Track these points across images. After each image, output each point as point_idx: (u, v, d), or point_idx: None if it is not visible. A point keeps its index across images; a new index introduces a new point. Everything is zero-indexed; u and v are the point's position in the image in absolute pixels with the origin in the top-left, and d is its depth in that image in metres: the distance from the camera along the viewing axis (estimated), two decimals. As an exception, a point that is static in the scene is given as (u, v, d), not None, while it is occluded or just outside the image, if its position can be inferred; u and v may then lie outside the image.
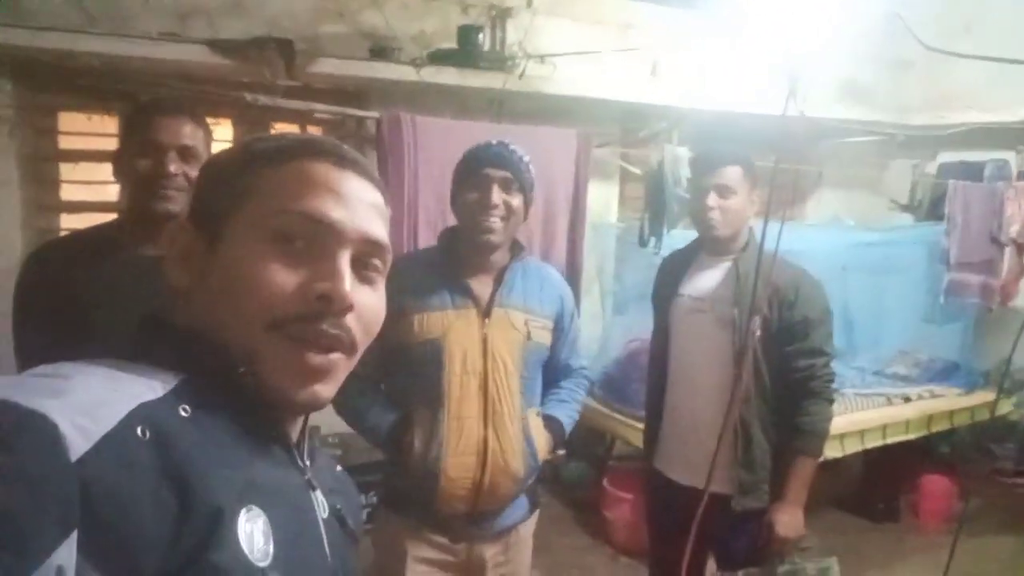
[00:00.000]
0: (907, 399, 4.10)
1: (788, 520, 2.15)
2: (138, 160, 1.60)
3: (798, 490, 2.18)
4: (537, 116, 4.10)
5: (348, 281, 0.71)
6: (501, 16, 4.07)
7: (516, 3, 4.13)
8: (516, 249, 1.93)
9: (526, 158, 1.86)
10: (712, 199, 2.21)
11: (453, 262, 1.87)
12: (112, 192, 3.67)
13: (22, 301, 1.61)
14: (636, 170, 4.06)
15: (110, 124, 3.63)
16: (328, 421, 2.09)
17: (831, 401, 2.25)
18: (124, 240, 1.63)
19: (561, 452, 4.57)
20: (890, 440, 3.92)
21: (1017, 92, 3.58)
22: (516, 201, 1.83)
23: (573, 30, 4.32)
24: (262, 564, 0.61)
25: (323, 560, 0.74)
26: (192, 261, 0.73)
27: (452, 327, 1.81)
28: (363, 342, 0.75)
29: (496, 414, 1.83)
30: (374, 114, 3.04)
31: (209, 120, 3.62)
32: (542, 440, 1.93)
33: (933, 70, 4.29)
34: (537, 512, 2.10)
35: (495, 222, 1.80)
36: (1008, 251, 4.16)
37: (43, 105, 3.47)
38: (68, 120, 3.57)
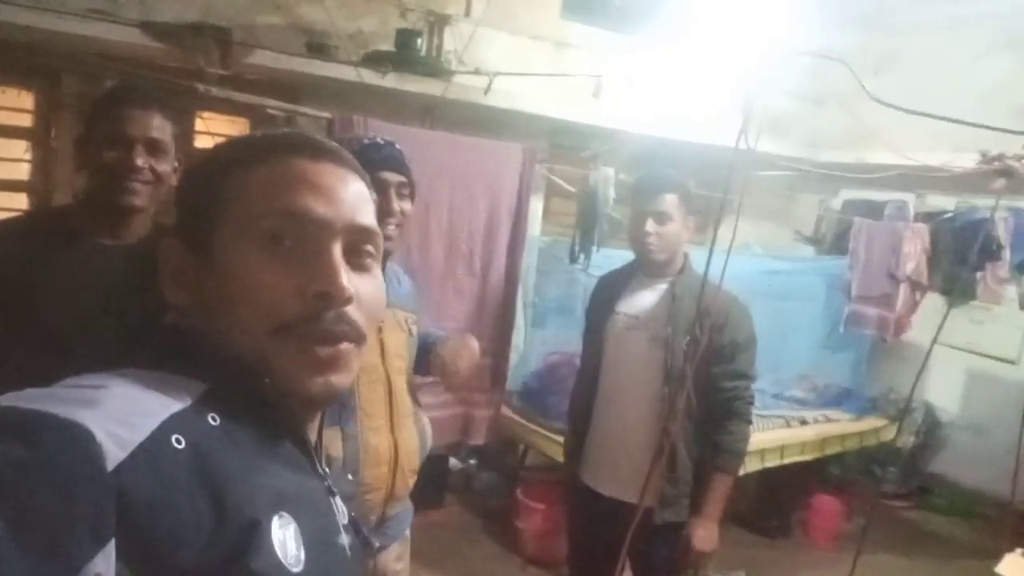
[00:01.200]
0: (804, 422, 4.33)
1: (704, 534, 2.25)
2: (104, 151, 1.55)
3: (715, 506, 2.28)
4: (468, 125, 4.13)
5: (344, 274, 0.70)
6: (439, 23, 4.08)
7: (455, 11, 4.16)
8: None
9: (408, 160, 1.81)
10: (650, 225, 2.28)
11: None
12: (22, 170, 3.49)
13: None
14: (570, 187, 4.14)
15: (25, 99, 3.46)
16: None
17: (750, 422, 2.37)
18: (83, 229, 1.57)
19: (473, 462, 4.61)
20: (787, 460, 4.13)
21: (926, 136, 3.84)
22: (407, 206, 1.78)
23: (510, 43, 4.38)
24: (296, 570, 0.62)
25: (347, 566, 0.75)
26: (187, 277, 0.72)
27: None
28: (370, 328, 0.75)
29: (398, 416, 1.81)
30: (325, 114, 3.01)
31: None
32: (427, 434, 1.95)
33: (844, 109, 4.55)
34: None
35: (393, 231, 1.72)
36: (903, 287, 4.44)
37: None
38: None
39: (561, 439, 2.80)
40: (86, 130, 1.62)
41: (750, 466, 3.92)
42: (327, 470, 0.79)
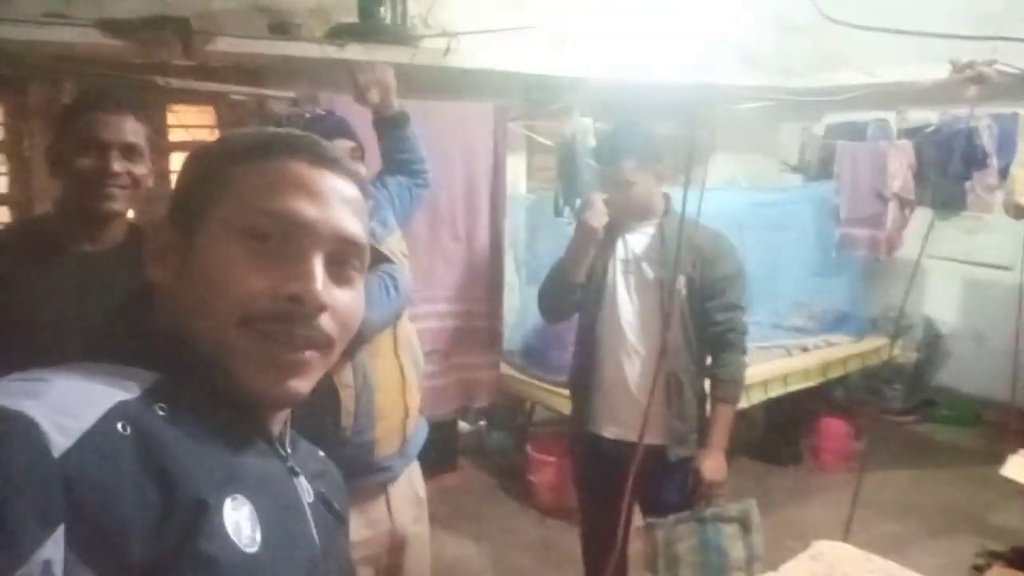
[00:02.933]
0: (804, 349, 4.37)
1: (714, 465, 2.33)
2: (79, 158, 1.55)
3: (721, 436, 2.36)
4: (439, 89, 4.08)
5: (320, 282, 0.70)
6: (401, -12, 4.02)
7: (416, -26, 4.09)
8: None
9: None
10: (612, 188, 2.34)
11: None
12: (0, 183, 3.48)
13: None
14: (547, 142, 4.12)
15: (-8, 110, 3.43)
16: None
17: (745, 351, 2.44)
18: (63, 238, 1.57)
19: (482, 423, 4.66)
20: (791, 388, 4.18)
21: (896, 51, 3.80)
22: (363, 169, 1.82)
23: (474, 2, 4.32)
24: (250, 550, 0.63)
25: (310, 543, 0.75)
26: (170, 258, 0.73)
27: None
28: (341, 339, 0.75)
29: (402, 339, 1.90)
30: (289, 94, 2.98)
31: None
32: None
33: (817, 33, 4.49)
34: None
35: None
36: (892, 205, 4.44)
37: (-84, 93, 3.25)
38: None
39: (565, 392, 2.83)
40: (57, 138, 1.61)
41: (754, 397, 3.98)
42: (289, 451, 0.79)
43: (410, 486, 1.99)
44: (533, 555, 3.58)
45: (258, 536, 0.64)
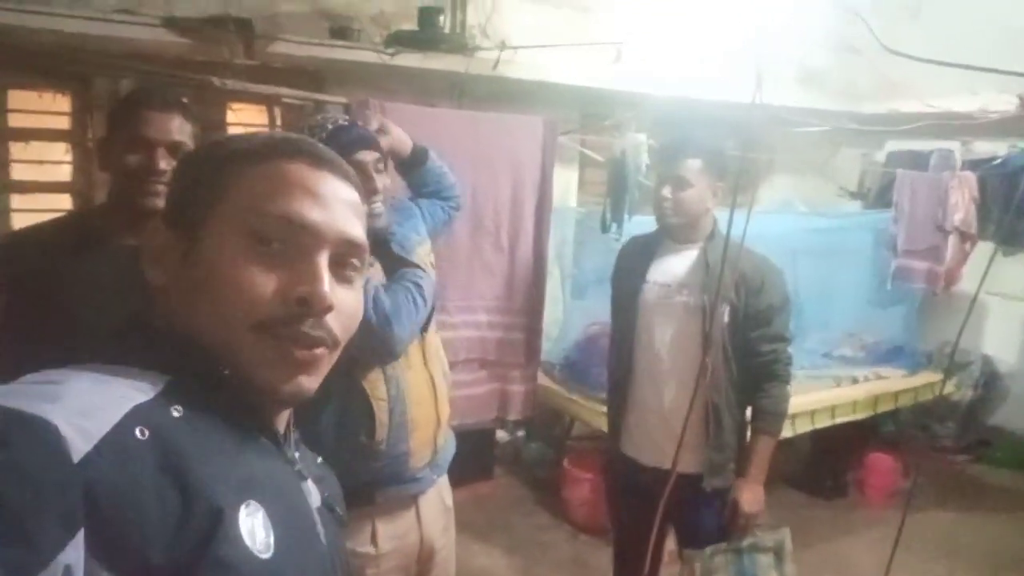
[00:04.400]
0: (855, 380, 4.25)
1: (751, 497, 2.26)
2: (127, 154, 1.57)
3: (760, 468, 2.29)
4: (498, 101, 4.10)
5: (327, 282, 0.71)
6: (462, -2, 4.05)
7: (477, -15, 4.12)
8: None
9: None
10: (667, 190, 2.26)
11: None
12: (64, 172, 3.59)
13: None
14: (597, 157, 4.10)
15: (63, 103, 3.54)
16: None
17: (789, 383, 2.35)
18: (107, 231, 1.60)
19: (520, 434, 4.64)
20: (839, 420, 4.06)
21: (961, 81, 3.70)
22: (388, 180, 1.80)
23: (534, 13, 4.33)
24: (265, 556, 0.63)
25: (320, 547, 0.76)
26: (167, 259, 0.73)
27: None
28: (344, 338, 0.77)
29: (430, 352, 1.90)
30: (342, 99, 3.02)
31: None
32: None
33: (882, 58, 4.40)
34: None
35: (379, 207, 1.74)
36: (952, 238, 4.31)
37: (-9, 83, 3.37)
38: (19, 98, 3.47)
39: (604, 410, 2.79)
40: (108, 133, 1.64)
41: (800, 427, 3.89)
42: (296, 455, 0.80)
43: (439, 496, 1.97)
44: (564, 572, 3.54)
45: (272, 541, 0.64)
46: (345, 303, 0.75)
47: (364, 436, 1.73)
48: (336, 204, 0.74)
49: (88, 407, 0.58)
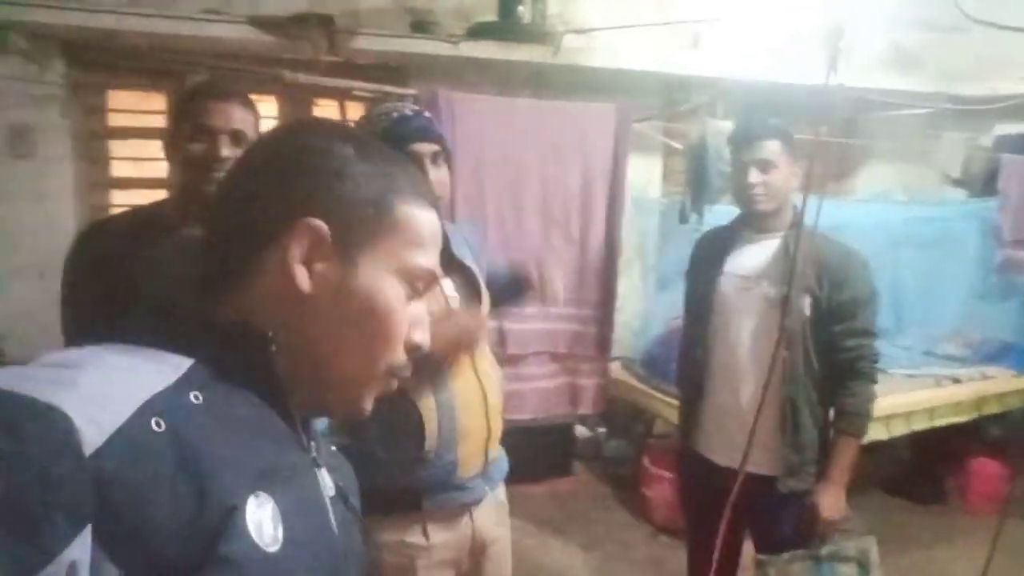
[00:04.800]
0: (957, 380, 3.99)
1: (832, 502, 2.14)
2: (190, 144, 1.61)
3: (842, 471, 2.17)
4: (578, 90, 4.05)
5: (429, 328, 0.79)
6: (543, -13, 4.01)
7: (557, -26, 4.08)
8: None
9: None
10: (754, 175, 2.16)
11: None
12: (161, 168, 3.73)
13: (71, 278, 1.65)
14: (677, 145, 3.99)
15: (157, 101, 3.69)
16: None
17: (875, 381, 2.21)
18: (173, 220, 1.65)
19: (601, 430, 4.58)
20: (938, 423, 3.83)
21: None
22: (445, 174, 1.76)
23: (614, 1, 4.25)
24: (272, 549, 0.61)
25: (332, 538, 0.75)
26: (322, 272, 0.71)
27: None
28: None
29: (481, 363, 1.86)
30: (411, 91, 3.04)
31: (253, 97, 3.67)
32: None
33: (984, 37, 4.12)
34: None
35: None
36: (1065, 228, 4.01)
37: (93, 84, 3.55)
38: (117, 98, 3.64)
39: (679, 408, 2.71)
40: (172, 126, 1.69)
41: (896, 429, 3.69)
42: (313, 443, 0.78)
43: (492, 497, 1.93)
44: (641, 571, 3.47)
45: (280, 534, 0.63)
46: None
47: (413, 446, 1.71)
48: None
49: (105, 395, 0.57)
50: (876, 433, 3.57)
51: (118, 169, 3.69)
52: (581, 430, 4.51)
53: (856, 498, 3.95)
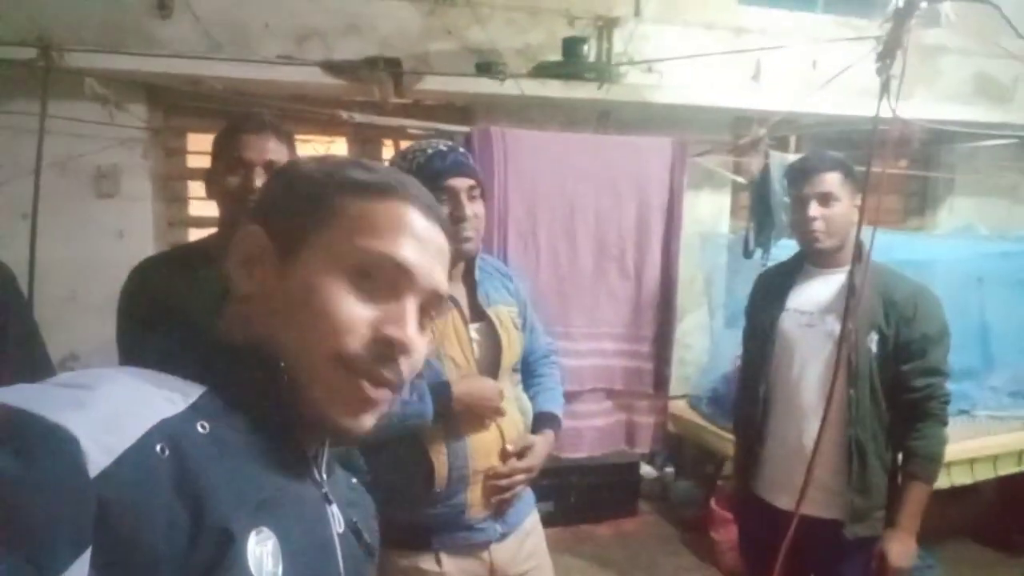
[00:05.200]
0: (1048, 423, 3.77)
1: (901, 549, 2.05)
2: (227, 177, 1.68)
3: (912, 517, 2.08)
4: (643, 126, 4.04)
5: (414, 328, 0.73)
6: (608, 26, 4.04)
7: (624, 12, 4.10)
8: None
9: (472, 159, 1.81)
10: (814, 209, 2.11)
11: None
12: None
13: (124, 310, 1.73)
14: (740, 179, 3.92)
15: (234, 144, 3.84)
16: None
17: (946, 424, 2.13)
18: (216, 253, 1.71)
19: (669, 470, 4.48)
20: (1027, 467, 3.62)
21: None
22: (480, 208, 1.79)
23: (681, 36, 4.25)
24: None
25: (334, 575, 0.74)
26: (259, 268, 0.73)
27: (444, 338, 1.76)
28: (408, 382, 0.77)
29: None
30: (464, 128, 3.09)
31: (326, 139, 3.78)
32: (528, 422, 1.93)
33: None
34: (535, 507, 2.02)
35: (470, 234, 1.75)
36: None
37: (174, 127, 3.72)
38: (196, 140, 3.80)
39: (736, 451, 2.63)
40: (212, 163, 1.75)
41: (980, 474, 3.51)
42: (324, 477, 0.78)
43: (515, 532, 1.89)
44: (707, 616, 3.36)
45: (280, 572, 0.63)
46: (419, 350, 0.75)
47: (422, 485, 1.71)
48: (436, 256, 0.76)
49: (113, 418, 0.57)
50: (961, 477, 3.41)
51: (195, 208, 3.84)
52: (647, 469, 4.42)
53: (941, 546, 3.77)
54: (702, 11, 4.35)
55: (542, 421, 1.96)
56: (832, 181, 2.11)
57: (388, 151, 4.06)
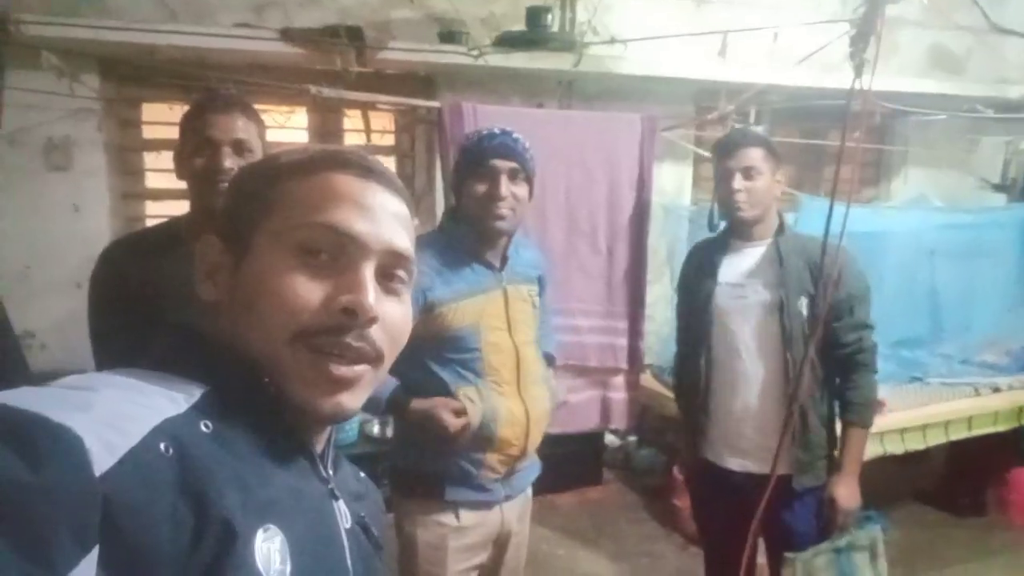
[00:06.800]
0: (996, 389, 3.90)
1: (847, 492, 2.22)
2: (194, 158, 1.64)
3: (854, 461, 2.24)
4: (607, 98, 4.05)
5: (372, 293, 0.71)
6: (571, -5, 4.02)
7: (587, -19, 4.07)
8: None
9: (527, 144, 1.91)
10: (738, 181, 2.22)
11: (469, 247, 1.93)
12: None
13: (95, 293, 1.69)
14: (704, 152, 3.96)
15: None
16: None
17: (876, 371, 2.30)
18: (190, 234, 1.68)
19: (632, 439, 4.55)
20: (976, 432, 3.74)
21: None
22: (522, 190, 1.90)
23: (645, 7, 4.24)
24: None
25: (344, 572, 0.74)
26: (221, 275, 0.74)
27: (484, 311, 1.89)
28: (391, 352, 0.76)
29: (526, 382, 1.95)
30: (435, 103, 3.06)
31: (285, 109, 3.70)
32: (554, 389, 2.09)
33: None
34: None
35: (505, 212, 1.86)
36: (1110, 233, 3.90)
37: (128, 97, 3.62)
38: (151, 111, 3.71)
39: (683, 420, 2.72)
40: (179, 143, 1.71)
41: (932, 439, 3.62)
42: (331, 473, 0.78)
43: (520, 500, 2.07)
44: (670, 583, 3.44)
45: (288, 569, 0.63)
46: (391, 315, 0.74)
47: (444, 440, 1.83)
48: (382, 215, 0.74)
49: (118, 419, 0.57)
50: (913, 443, 3.51)
51: (152, 180, 3.76)
52: (611, 439, 4.48)
53: (893, 509, 3.90)
54: (665, -19, 4.34)
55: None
56: (755, 156, 2.22)
57: (350, 121, 4.01)
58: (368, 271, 0.72)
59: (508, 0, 4.03)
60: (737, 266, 2.32)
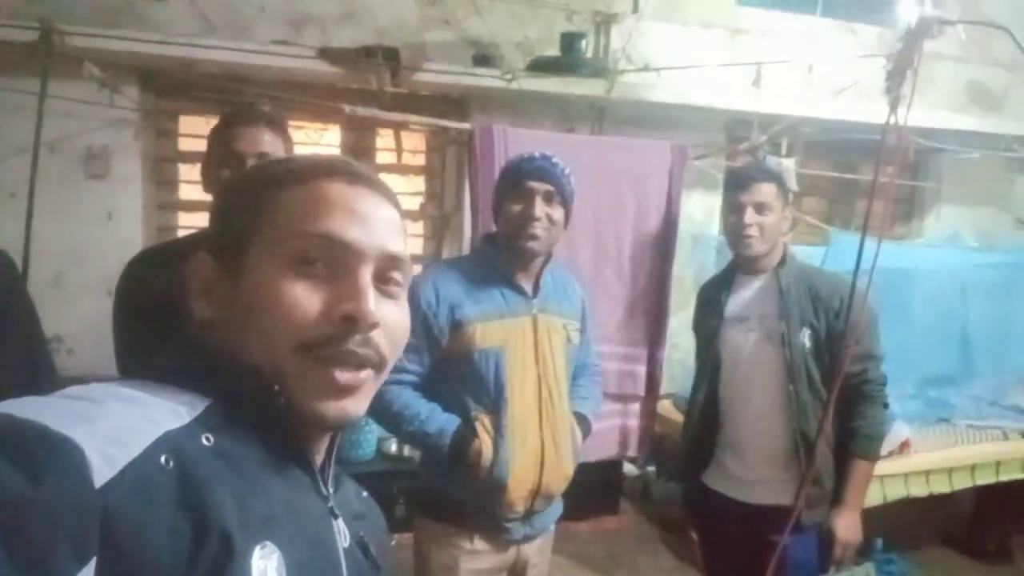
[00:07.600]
0: (1026, 434, 3.82)
1: (848, 524, 2.21)
2: (221, 170, 1.66)
3: (857, 494, 2.23)
4: (638, 124, 4.04)
5: (371, 299, 0.71)
6: (606, 22, 4.03)
7: (622, 8, 4.09)
8: (548, 256, 2.01)
9: (567, 170, 1.92)
10: (750, 215, 2.21)
11: (502, 270, 1.93)
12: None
13: (119, 302, 1.71)
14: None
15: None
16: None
17: (885, 404, 2.28)
18: None
19: (651, 469, 4.50)
20: (1004, 478, 3.66)
21: None
22: (557, 213, 1.90)
23: (679, 35, 4.25)
24: None
25: None
26: (215, 292, 0.74)
27: (511, 335, 1.88)
28: (392, 356, 0.75)
29: (550, 417, 1.93)
30: (466, 125, 3.08)
31: (319, 126, 3.74)
32: (579, 440, 2.04)
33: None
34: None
35: (539, 232, 1.87)
36: None
37: (165, 109, 3.68)
38: (188, 123, 3.76)
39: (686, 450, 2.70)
40: (206, 157, 1.73)
41: (959, 483, 3.54)
42: (331, 491, 0.78)
43: (541, 540, 2.06)
44: (686, 615, 3.39)
45: None
46: (390, 318, 0.74)
47: (467, 473, 1.85)
48: (375, 220, 0.74)
49: (119, 431, 0.57)
50: (939, 486, 3.44)
51: (185, 192, 3.81)
52: (629, 468, 4.44)
53: (918, 553, 3.82)
54: (700, 10, 4.35)
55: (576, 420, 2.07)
56: (768, 192, 2.22)
57: (382, 140, 4.05)
58: (366, 277, 0.72)
59: (543, 25, 4.06)
60: (740, 299, 2.32)
